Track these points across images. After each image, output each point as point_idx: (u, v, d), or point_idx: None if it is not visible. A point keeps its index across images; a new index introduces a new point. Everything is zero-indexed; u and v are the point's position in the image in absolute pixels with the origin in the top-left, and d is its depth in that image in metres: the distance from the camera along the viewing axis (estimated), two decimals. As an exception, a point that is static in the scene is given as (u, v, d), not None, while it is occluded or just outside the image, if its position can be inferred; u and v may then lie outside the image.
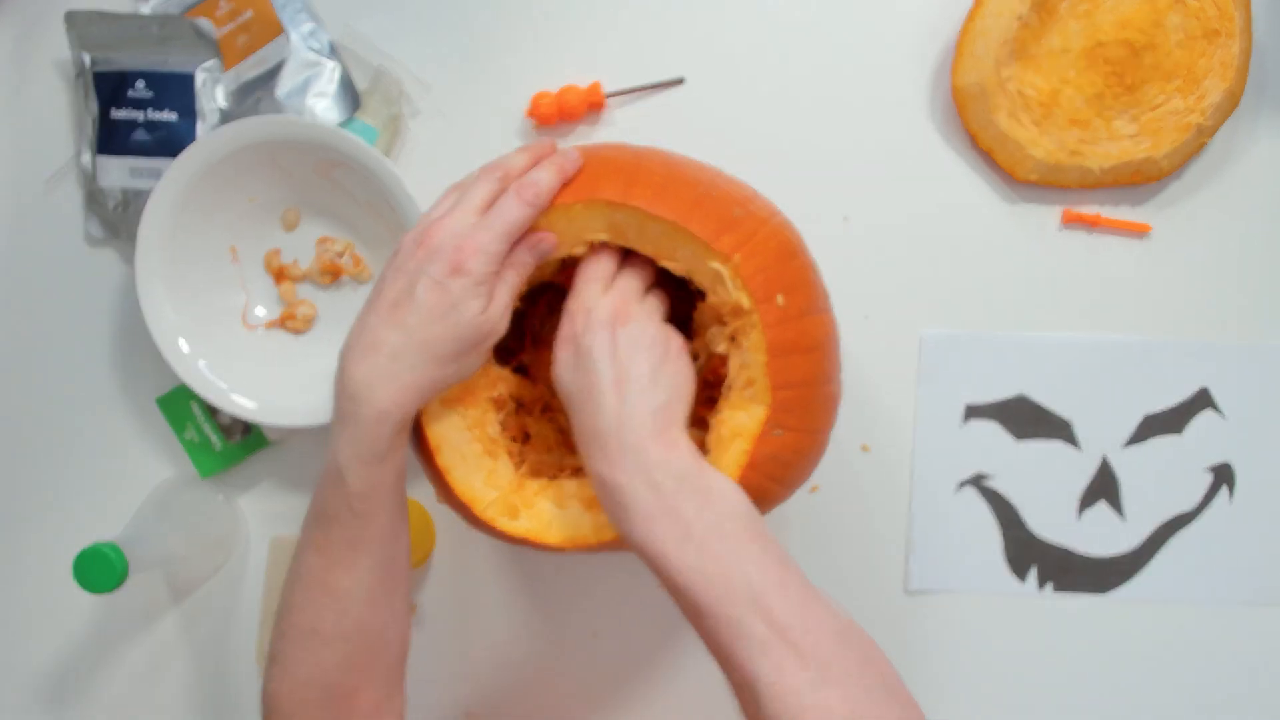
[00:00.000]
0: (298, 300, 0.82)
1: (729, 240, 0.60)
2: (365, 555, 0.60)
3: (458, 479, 0.64)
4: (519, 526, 0.64)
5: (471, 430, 0.65)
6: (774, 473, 0.62)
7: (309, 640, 0.60)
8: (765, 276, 0.61)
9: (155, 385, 0.83)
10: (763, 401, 0.61)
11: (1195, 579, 0.84)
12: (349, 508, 0.59)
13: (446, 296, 0.58)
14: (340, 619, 0.60)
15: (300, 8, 0.79)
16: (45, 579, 0.85)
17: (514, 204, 0.60)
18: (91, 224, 0.82)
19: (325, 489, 0.59)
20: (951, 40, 0.79)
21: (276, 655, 0.62)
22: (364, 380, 0.58)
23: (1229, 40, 0.76)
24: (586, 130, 0.82)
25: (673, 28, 0.81)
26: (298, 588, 0.61)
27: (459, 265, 0.58)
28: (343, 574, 0.60)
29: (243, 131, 0.75)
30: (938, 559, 0.83)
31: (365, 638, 0.61)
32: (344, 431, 0.58)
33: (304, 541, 0.61)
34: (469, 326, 0.59)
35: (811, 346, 0.62)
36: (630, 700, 0.86)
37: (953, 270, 0.82)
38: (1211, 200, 0.81)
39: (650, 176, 0.62)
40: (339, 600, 0.60)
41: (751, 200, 0.64)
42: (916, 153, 0.81)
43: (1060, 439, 0.83)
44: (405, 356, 0.58)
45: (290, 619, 0.61)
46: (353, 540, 0.60)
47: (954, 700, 0.85)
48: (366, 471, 0.58)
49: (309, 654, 0.60)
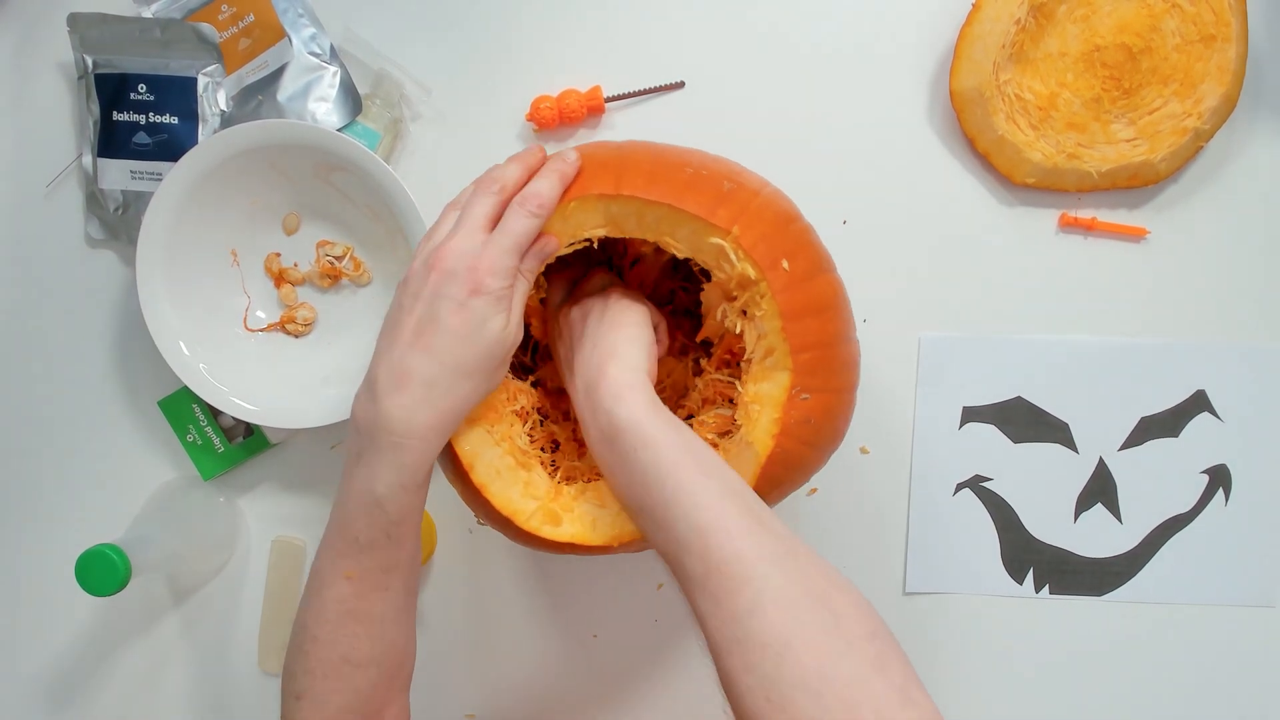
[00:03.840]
0: (298, 303, 0.83)
1: (725, 214, 0.61)
2: (398, 578, 0.61)
3: (495, 494, 0.64)
4: (563, 533, 0.64)
5: (501, 445, 0.65)
6: (806, 436, 0.62)
7: (342, 669, 0.60)
8: (767, 244, 0.61)
9: (156, 387, 0.84)
10: (784, 367, 0.61)
11: (1191, 581, 0.84)
12: (386, 535, 0.59)
13: (471, 317, 0.58)
14: (374, 644, 0.61)
15: (302, 12, 0.79)
16: (47, 581, 0.85)
17: (521, 217, 0.60)
18: (92, 226, 0.82)
19: (357, 519, 0.59)
20: (949, 44, 0.79)
21: (306, 691, 0.61)
22: (403, 414, 0.58)
23: (1225, 45, 0.76)
24: (587, 134, 0.82)
25: (673, 32, 0.81)
26: (325, 620, 0.60)
27: (477, 285, 0.58)
28: (377, 599, 0.60)
29: (243, 135, 0.75)
30: (936, 561, 0.84)
31: (394, 655, 0.62)
32: (383, 462, 0.58)
33: (329, 573, 0.60)
34: (496, 343, 0.59)
35: (823, 307, 0.63)
36: (630, 701, 0.86)
37: (951, 273, 0.82)
38: (1208, 204, 0.82)
39: (639, 166, 0.63)
40: (373, 626, 0.60)
41: (740, 174, 0.65)
42: (915, 156, 0.81)
43: (1057, 441, 0.83)
44: (439, 383, 0.58)
45: (319, 653, 0.60)
46: (389, 565, 0.60)
47: (953, 701, 0.85)
48: (409, 498, 0.59)
49: (344, 683, 0.60)
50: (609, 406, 0.58)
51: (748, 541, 0.52)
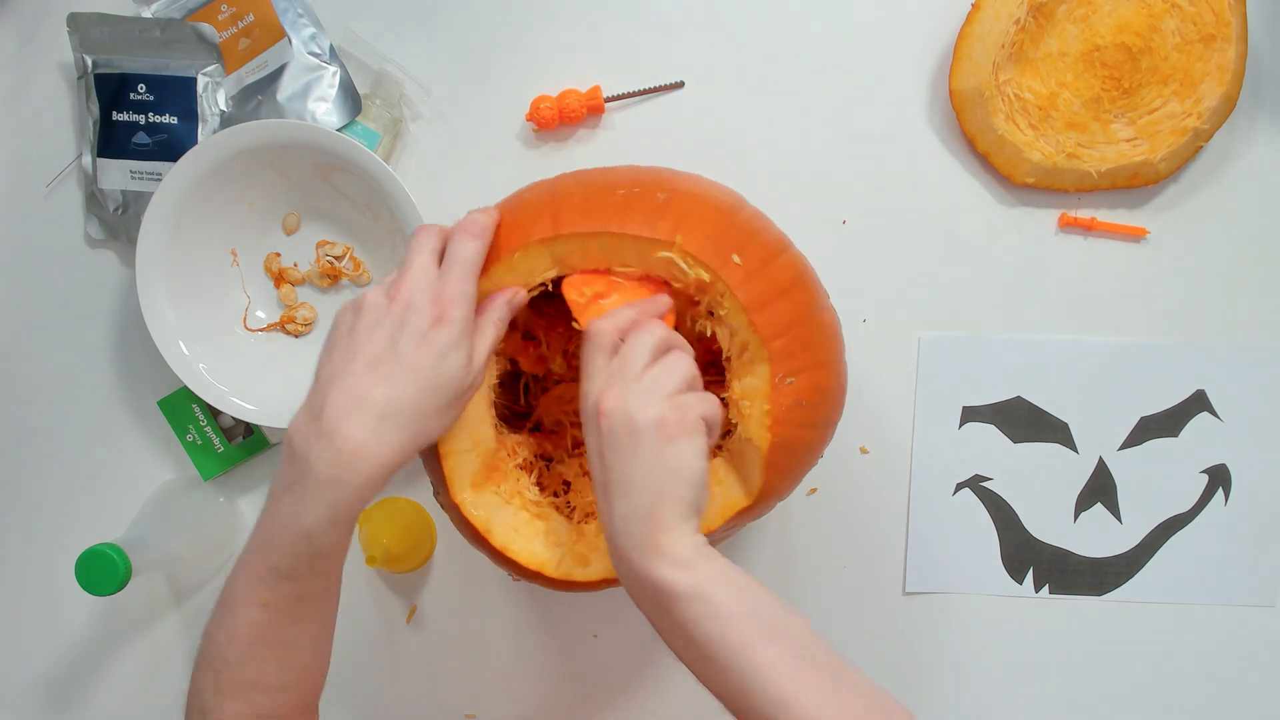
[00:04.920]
0: (297, 303, 0.83)
1: (665, 225, 0.61)
2: (316, 606, 0.59)
3: (519, 551, 0.64)
4: (594, 572, 0.64)
5: (511, 502, 0.66)
6: (803, 418, 0.62)
7: (250, 693, 0.59)
8: (714, 243, 0.61)
9: (156, 387, 0.84)
10: (762, 358, 0.61)
11: (1191, 581, 0.84)
12: (310, 566, 0.56)
13: (432, 349, 0.57)
14: (285, 671, 0.59)
15: (301, 12, 0.79)
16: (47, 581, 0.85)
17: (464, 241, 0.60)
18: (92, 226, 0.82)
19: (280, 546, 0.56)
20: (949, 44, 0.79)
21: (209, 709, 0.59)
22: (352, 445, 0.55)
23: (1225, 45, 0.76)
24: (586, 134, 0.82)
25: (672, 32, 0.81)
26: (235, 644, 0.58)
27: (441, 315, 0.58)
28: (289, 628, 0.58)
29: (243, 135, 0.75)
30: (935, 561, 0.84)
31: (306, 681, 0.61)
32: (318, 496, 0.55)
33: (244, 596, 0.58)
34: (456, 378, 0.58)
35: (786, 288, 0.63)
36: (630, 701, 0.86)
37: (951, 273, 0.82)
38: (1208, 204, 0.82)
39: (570, 201, 0.63)
40: (285, 652, 0.59)
41: (674, 180, 0.65)
42: (914, 156, 0.81)
43: (1057, 441, 0.83)
44: (394, 416, 0.56)
45: (229, 674, 0.58)
46: (307, 595, 0.58)
47: (952, 701, 0.85)
48: (338, 533, 0.56)
49: (250, 706, 0.59)
50: (663, 574, 0.54)
51: (833, 705, 0.51)
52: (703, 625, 0.53)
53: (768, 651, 0.52)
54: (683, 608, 0.53)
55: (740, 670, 0.52)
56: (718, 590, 0.53)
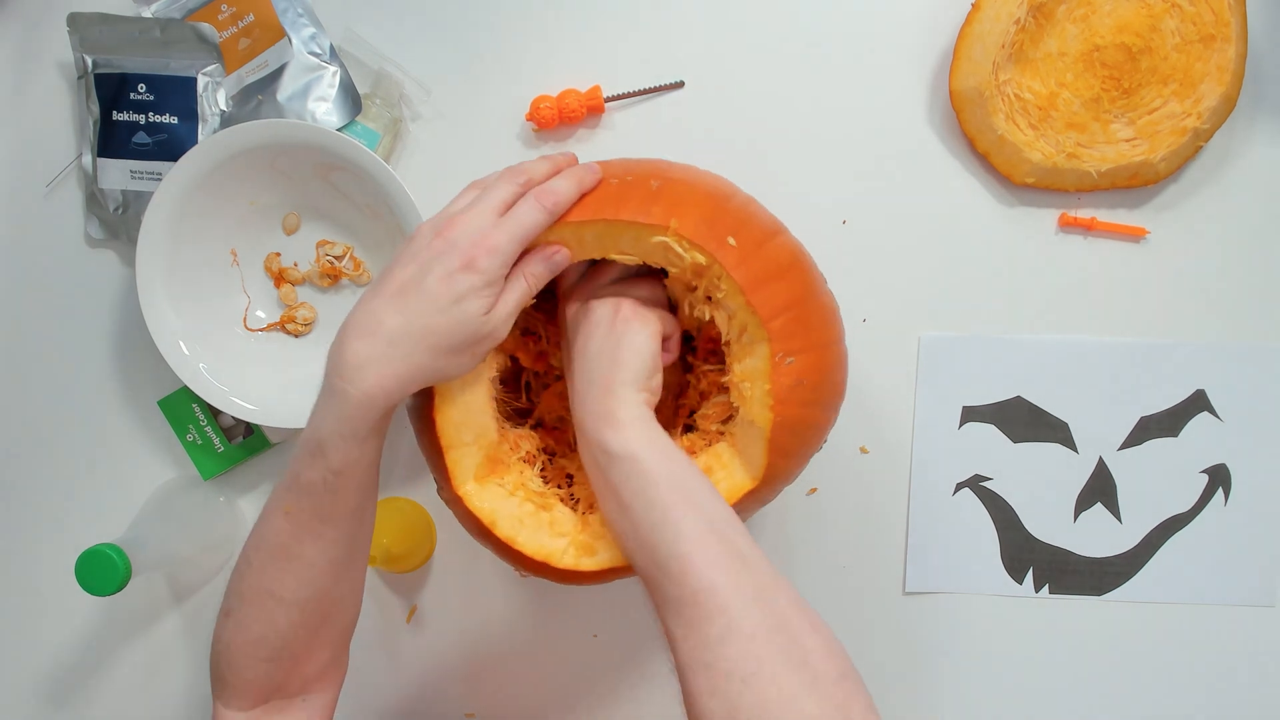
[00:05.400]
0: (298, 303, 0.83)
1: (659, 210, 0.61)
2: (333, 529, 0.61)
3: (525, 543, 0.65)
4: (599, 560, 0.64)
5: (516, 494, 0.66)
6: (805, 397, 0.62)
7: (266, 601, 0.61)
8: (708, 226, 0.62)
9: (156, 387, 0.84)
10: (761, 338, 0.61)
11: (1191, 580, 0.84)
12: (324, 481, 0.59)
13: (453, 290, 0.59)
14: (300, 586, 0.61)
15: (301, 12, 0.79)
16: (47, 580, 0.85)
17: (533, 209, 0.61)
18: (92, 225, 0.82)
19: (302, 458, 0.60)
20: (949, 44, 0.79)
21: (232, 610, 0.63)
22: (357, 360, 0.58)
23: (1225, 45, 0.76)
24: (586, 134, 0.82)
25: (672, 32, 0.81)
26: (261, 549, 0.61)
27: (471, 262, 0.59)
28: (309, 544, 0.61)
29: (243, 135, 0.75)
30: (935, 561, 0.84)
31: (321, 605, 0.62)
32: (330, 406, 0.59)
33: (273, 505, 0.61)
34: (470, 324, 0.60)
35: (783, 269, 0.63)
36: (630, 701, 0.86)
37: (951, 273, 0.82)
38: (1208, 203, 0.82)
39: None
40: (302, 568, 0.61)
41: (667, 169, 0.66)
42: (914, 156, 0.81)
43: (1057, 441, 0.83)
44: (402, 343, 0.58)
45: (249, 579, 0.62)
46: (324, 514, 0.60)
47: (952, 701, 0.85)
48: (346, 448, 0.59)
49: (265, 613, 0.61)
50: (604, 436, 0.59)
51: (726, 575, 0.54)
52: (630, 483, 0.58)
53: (684, 515, 0.56)
54: (616, 466, 0.59)
55: (653, 526, 0.56)
56: (648, 453, 0.59)
